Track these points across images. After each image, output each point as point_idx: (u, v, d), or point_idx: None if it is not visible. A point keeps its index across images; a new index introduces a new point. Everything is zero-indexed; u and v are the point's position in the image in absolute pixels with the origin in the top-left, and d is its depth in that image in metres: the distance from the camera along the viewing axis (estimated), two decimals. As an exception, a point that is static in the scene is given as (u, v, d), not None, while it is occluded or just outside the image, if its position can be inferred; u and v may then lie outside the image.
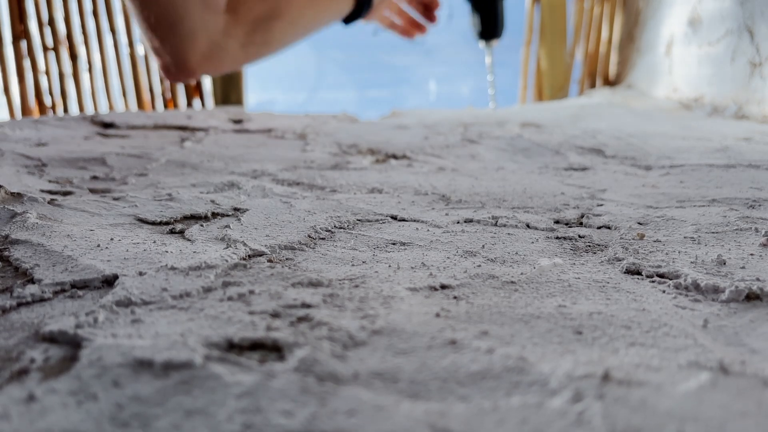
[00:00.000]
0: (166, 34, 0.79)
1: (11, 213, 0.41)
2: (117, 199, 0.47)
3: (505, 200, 0.49)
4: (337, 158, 0.68)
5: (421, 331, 0.24)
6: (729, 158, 0.65)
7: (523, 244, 0.37)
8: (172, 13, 0.78)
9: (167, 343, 0.22)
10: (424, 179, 0.57)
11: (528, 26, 1.58)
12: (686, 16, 1.22)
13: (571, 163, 0.66)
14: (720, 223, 0.41)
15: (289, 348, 0.22)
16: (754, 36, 1.02)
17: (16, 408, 0.19)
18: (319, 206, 0.46)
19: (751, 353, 0.22)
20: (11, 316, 0.26)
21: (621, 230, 0.40)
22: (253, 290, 0.28)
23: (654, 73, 1.34)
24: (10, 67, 1.15)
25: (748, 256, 0.34)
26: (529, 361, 0.21)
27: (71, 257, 0.32)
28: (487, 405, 0.19)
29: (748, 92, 1.02)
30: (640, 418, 0.18)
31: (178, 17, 0.79)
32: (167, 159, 0.65)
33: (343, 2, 1.05)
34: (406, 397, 0.19)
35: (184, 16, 0.79)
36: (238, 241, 0.36)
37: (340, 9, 1.05)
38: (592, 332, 0.24)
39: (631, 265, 0.32)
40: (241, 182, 0.54)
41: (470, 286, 0.29)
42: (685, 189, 0.52)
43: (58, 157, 0.63)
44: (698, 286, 0.29)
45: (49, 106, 1.23)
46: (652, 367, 0.21)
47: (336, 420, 0.18)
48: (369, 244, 0.37)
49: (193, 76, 0.86)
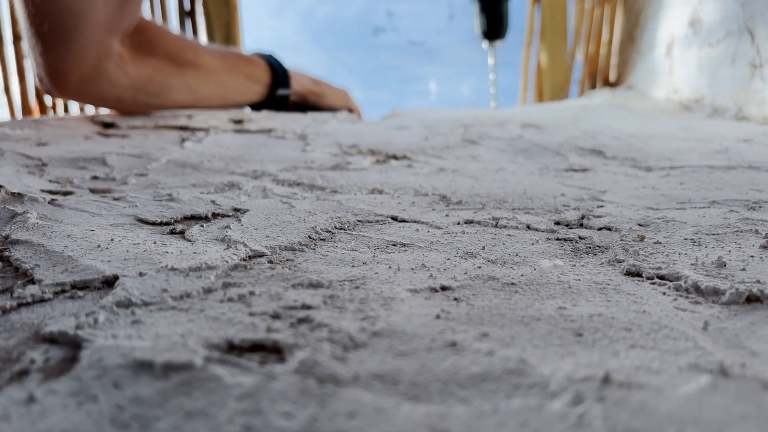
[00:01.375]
0: (55, 45, 0.73)
1: (11, 213, 0.41)
2: (117, 199, 0.47)
3: (506, 201, 0.49)
4: (338, 159, 0.68)
5: (421, 333, 0.24)
6: (729, 160, 0.65)
7: (524, 246, 0.37)
8: (68, 24, 0.72)
9: (167, 344, 0.22)
10: (424, 180, 0.57)
11: (528, 27, 1.58)
12: (687, 17, 1.22)
13: (572, 164, 0.66)
14: (720, 224, 0.41)
15: (290, 349, 0.22)
16: (754, 37, 1.01)
17: (16, 409, 0.19)
18: (319, 207, 0.46)
19: (751, 356, 0.22)
20: (11, 317, 0.26)
21: (621, 232, 0.40)
22: (254, 291, 0.28)
23: (654, 75, 1.34)
24: (10, 66, 1.15)
25: (748, 258, 0.34)
26: (529, 363, 0.21)
27: (71, 258, 0.32)
28: (487, 407, 0.19)
29: (749, 94, 1.02)
30: (640, 420, 0.18)
31: (74, 30, 0.72)
32: (167, 159, 0.65)
33: (253, 92, 1.01)
34: (406, 399, 0.19)
35: (80, 30, 0.72)
36: (238, 242, 0.36)
37: (248, 96, 1.02)
38: (593, 334, 0.24)
39: (631, 267, 0.32)
40: (241, 182, 0.54)
41: (470, 288, 0.29)
42: (685, 190, 0.52)
43: (59, 156, 0.63)
44: (698, 288, 0.29)
45: (49, 106, 1.23)
46: (652, 370, 0.21)
47: (336, 422, 0.18)
48: (369, 245, 0.37)
49: (66, 95, 0.79)
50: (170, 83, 0.89)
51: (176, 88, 0.90)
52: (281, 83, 1.04)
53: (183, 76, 0.90)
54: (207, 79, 0.93)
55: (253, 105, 1.06)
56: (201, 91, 0.93)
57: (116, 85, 0.82)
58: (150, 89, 0.87)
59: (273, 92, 1.03)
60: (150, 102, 0.89)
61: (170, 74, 0.88)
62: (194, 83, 0.92)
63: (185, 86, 0.91)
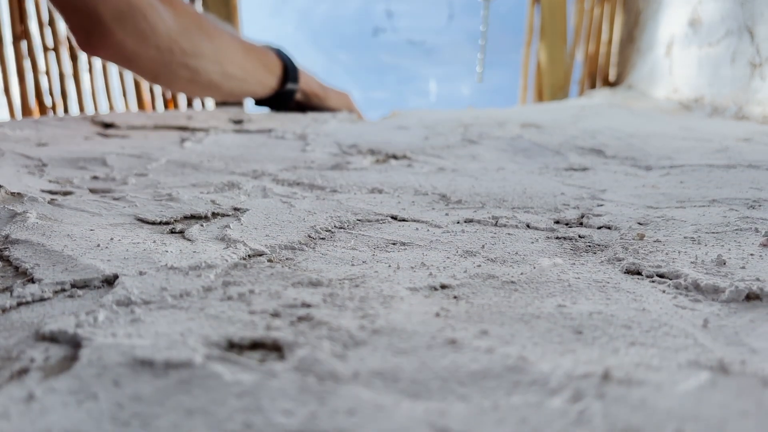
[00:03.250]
0: None
1: (11, 213, 0.41)
2: (117, 199, 0.47)
3: (506, 200, 0.49)
4: (338, 158, 0.68)
5: (421, 331, 0.24)
6: (729, 159, 0.65)
7: (523, 244, 0.37)
8: None
9: (167, 342, 0.22)
10: (424, 179, 0.57)
11: (528, 27, 1.58)
12: (686, 16, 1.22)
13: (572, 163, 0.66)
14: (720, 223, 0.41)
15: (289, 347, 0.22)
16: (754, 37, 1.02)
17: (16, 407, 0.19)
18: (319, 206, 0.46)
19: (751, 353, 0.22)
20: (11, 316, 0.26)
21: (621, 230, 0.40)
22: (253, 290, 0.28)
23: (654, 74, 1.34)
24: (10, 67, 1.16)
25: (748, 256, 0.34)
26: (529, 361, 0.21)
27: (71, 257, 0.32)
28: (487, 404, 0.19)
29: (749, 93, 1.02)
30: (640, 417, 0.18)
31: None
32: (167, 159, 0.65)
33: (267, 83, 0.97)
34: (406, 396, 0.19)
35: None
36: (238, 241, 0.36)
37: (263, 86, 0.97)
38: (592, 332, 0.24)
39: (631, 265, 0.32)
40: (241, 182, 0.54)
41: (470, 286, 0.29)
42: (685, 189, 0.52)
43: (59, 157, 0.63)
44: (698, 286, 0.29)
45: (49, 107, 1.23)
46: (652, 367, 0.21)
47: (336, 419, 0.18)
48: (369, 244, 0.37)
49: (108, 40, 0.73)
50: (202, 47, 0.84)
51: (207, 55, 0.85)
52: (291, 77, 1.02)
53: (211, 43, 0.85)
54: (231, 56, 0.89)
55: (258, 100, 1.04)
56: (226, 66, 0.88)
57: (153, 28, 0.76)
58: (185, 46, 0.82)
59: (282, 86, 1.01)
60: (186, 62, 0.83)
61: (200, 39, 0.84)
62: (221, 55, 0.87)
63: (214, 56, 0.86)
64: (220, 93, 0.93)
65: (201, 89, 0.90)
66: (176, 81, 0.86)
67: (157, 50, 0.79)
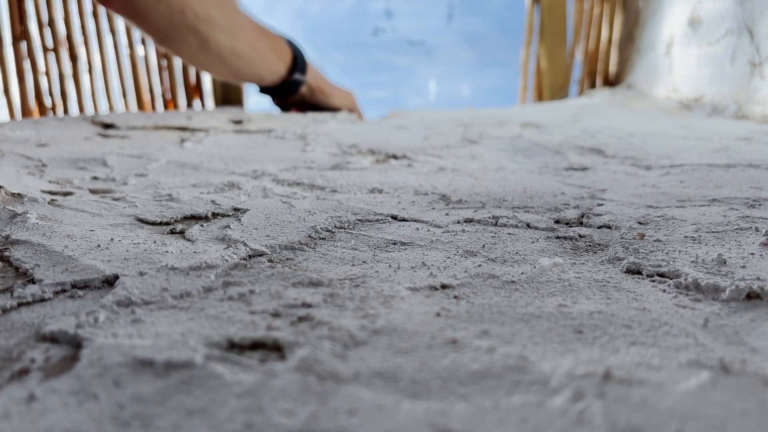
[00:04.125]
0: None
1: (11, 213, 0.41)
2: (117, 200, 0.47)
3: (506, 200, 0.49)
4: (338, 158, 0.68)
5: (421, 331, 0.24)
6: (729, 158, 0.65)
7: (524, 244, 0.37)
8: None
9: (168, 342, 0.22)
10: (424, 179, 0.57)
11: (528, 26, 1.58)
12: (686, 16, 1.22)
13: (572, 163, 0.66)
14: (720, 222, 0.41)
15: (290, 347, 0.22)
16: (753, 36, 1.02)
17: (17, 408, 0.19)
18: (319, 206, 0.46)
19: (751, 352, 0.22)
20: (12, 316, 0.26)
21: (621, 230, 0.40)
22: (254, 290, 0.28)
23: (654, 73, 1.34)
24: (10, 68, 1.15)
25: (748, 255, 0.34)
26: (529, 360, 0.21)
27: (72, 257, 0.32)
28: (487, 404, 0.19)
29: (748, 92, 1.02)
30: (640, 416, 0.18)
31: None
32: (167, 159, 0.65)
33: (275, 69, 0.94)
34: (406, 396, 0.19)
35: None
36: (238, 241, 0.36)
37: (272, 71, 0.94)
38: (593, 331, 0.24)
39: (631, 265, 0.32)
40: (241, 182, 0.54)
41: (470, 286, 0.29)
42: (685, 189, 0.52)
43: (59, 157, 0.63)
44: (699, 286, 0.29)
45: (49, 107, 1.23)
46: (652, 366, 0.21)
47: (337, 419, 0.18)
48: (369, 243, 0.37)
49: None
50: (215, 16, 0.81)
51: (219, 25, 0.82)
52: (299, 68, 0.99)
53: (224, 15, 0.82)
54: (243, 32, 0.85)
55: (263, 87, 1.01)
56: (237, 42, 0.85)
57: None
58: (197, 9, 0.79)
59: (290, 75, 0.99)
60: (197, 27, 0.80)
61: (214, 6, 0.81)
62: (233, 29, 0.84)
63: (226, 28, 0.83)
64: (226, 69, 0.90)
65: (208, 61, 0.86)
66: (184, 46, 0.83)
67: (168, 8, 0.77)
